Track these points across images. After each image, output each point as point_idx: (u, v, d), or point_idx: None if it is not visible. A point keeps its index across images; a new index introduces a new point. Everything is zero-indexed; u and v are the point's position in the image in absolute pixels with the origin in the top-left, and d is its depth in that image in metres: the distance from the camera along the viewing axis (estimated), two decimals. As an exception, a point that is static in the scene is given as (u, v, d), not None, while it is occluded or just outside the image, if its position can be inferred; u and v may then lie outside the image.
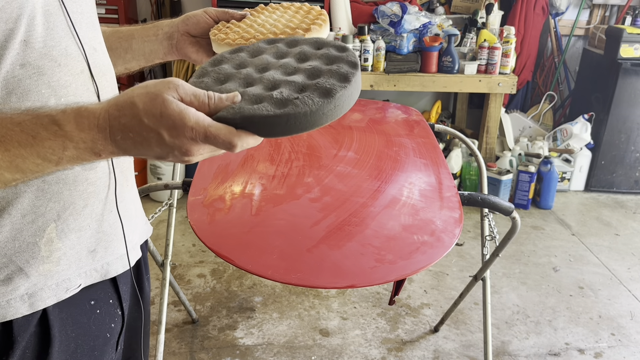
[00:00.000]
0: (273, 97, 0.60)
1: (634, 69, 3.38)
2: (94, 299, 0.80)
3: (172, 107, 0.56)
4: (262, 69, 0.68)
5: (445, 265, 2.73)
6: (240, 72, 0.67)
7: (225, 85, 0.65)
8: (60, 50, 0.69)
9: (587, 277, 2.69)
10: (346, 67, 0.65)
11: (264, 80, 0.65)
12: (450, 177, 1.35)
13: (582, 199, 3.58)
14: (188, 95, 0.58)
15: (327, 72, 0.65)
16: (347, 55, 0.68)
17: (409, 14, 3.13)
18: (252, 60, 0.71)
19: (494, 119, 3.39)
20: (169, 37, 0.91)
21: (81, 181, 0.74)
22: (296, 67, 0.67)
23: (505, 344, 2.20)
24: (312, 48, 0.71)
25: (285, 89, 0.62)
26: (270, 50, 0.72)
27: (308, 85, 0.63)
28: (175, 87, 0.57)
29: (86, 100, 0.72)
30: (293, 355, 2.09)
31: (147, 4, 3.67)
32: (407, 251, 1.05)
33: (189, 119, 0.56)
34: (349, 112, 0.78)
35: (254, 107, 0.59)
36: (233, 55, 0.72)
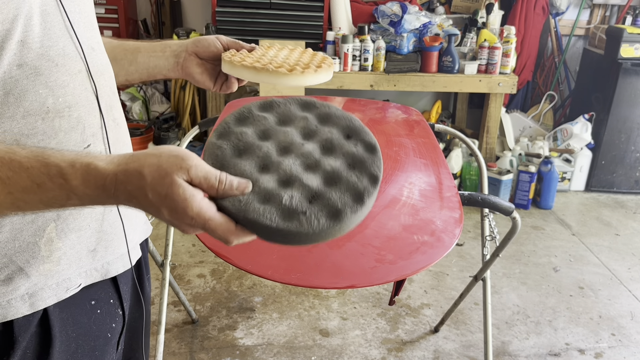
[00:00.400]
0: (282, 203, 0.59)
1: (634, 69, 3.37)
2: (94, 299, 0.80)
3: (179, 192, 0.56)
4: (283, 149, 0.66)
5: (445, 266, 2.72)
6: (260, 148, 0.65)
7: (241, 161, 0.64)
8: (58, 50, 0.69)
9: (587, 277, 2.69)
10: (365, 181, 0.63)
11: (280, 170, 0.63)
12: (450, 177, 1.35)
13: (583, 199, 3.58)
14: (198, 177, 0.58)
15: (345, 181, 0.63)
16: (373, 161, 0.65)
17: (409, 14, 3.13)
18: (277, 129, 0.68)
19: (494, 119, 3.38)
20: (176, 55, 0.92)
21: None
22: (317, 160, 0.65)
23: (505, 344, 2.20)
24: (341, 134, 0.68)
25: (297, 193, 0.61)
26: (299, 123, 0.70)
27: (321, 194, 0.61)
28: (188, 169, 0.57)
29: (84, 100, 0.73)
30: (293, 355, 2.09)
31: (147, 4, 3.66)
32: (407, 251, 1.05)
33: (191, 208, 0.56)
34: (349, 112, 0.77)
35: (259, 212, 0.58)
36: (260, 115, 0.70)
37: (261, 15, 3.16)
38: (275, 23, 3.18)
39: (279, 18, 3.17)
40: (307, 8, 3.17)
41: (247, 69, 0.85)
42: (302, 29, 3.20)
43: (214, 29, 3.12)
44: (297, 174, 0.63)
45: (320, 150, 0.67)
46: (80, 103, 0.72)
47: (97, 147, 0.75)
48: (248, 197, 0.60)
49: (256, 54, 0.91)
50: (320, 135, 0.68)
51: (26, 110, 0.66)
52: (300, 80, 0.85)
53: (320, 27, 3.22)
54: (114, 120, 0.80)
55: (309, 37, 3.20)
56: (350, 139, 0.68)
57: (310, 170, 0.64)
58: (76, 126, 0.72)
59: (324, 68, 0.87)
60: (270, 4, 3.15)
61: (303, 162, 0.65)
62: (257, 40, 3.05)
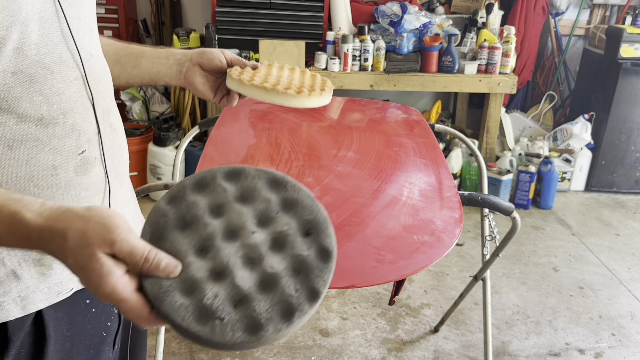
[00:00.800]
0: (202, 301, 0.55)
1: (634, 68, 3.37)
2: (89, 298, 0.80)
3: (96, 266, 0.53)
4: (230, 233, 0.60)
5: (445, 265, 2.72)
6: (206, 226, 0.60)
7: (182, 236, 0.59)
8: (54, 57, 0.68)
9: (587, 277, 2.69)
10: (303, 297, 0.56)
11: (217, 258, 0.58)
12: (450, 177, 1.35)
13: (582, 199, 3.58)
14: (123, 252, 0.54)
15: (280, 291, 0.56)
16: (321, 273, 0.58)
17: (409, 14, 3.13)
18: (233, 207, 0.62)
19: (494, 119, 3.38)
20: (179, 64, 0.93)
21: (74, 186, 0.73)
22: (261, 256, 0.59)
23: (505, 344, 2.20)
24: (300, 230, 0.61)
25: (224, 292, 0.56)
26: (259, 204, 0.63)
27: (249, 300, 0.55)
28: (112, 242, 0.54)
29: (80, 106, 0.73)
30: (293, 355, 2.09)
31: (147, 4, 3.66)
32: (407, 251, 1.05)
33: (105, 286, 0.54)
34: (349, 112, 0.78)
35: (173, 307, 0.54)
36: (222, 186, 0.64)
37: (261, 15, 3.16)
38: (275, 23, 3.18)
39: (279, 18, 3.17)
40: (307, 8, 3.17)
41: (257, 88, 0.87)
42: (302, 29, 3.20)
43: (214, 29, 3.12)
44: (232, 268, 0.57)
45: (269, 244, 0.60)
46: (76, 110, 0.72)
47: (92, 152, 0.75)
48: (172, 282, 0.56)
49: (261, 73, 0.92)
50: (275, 226, 0.61)
51: (19, 116, 0.66)
52: (306, 102, 0.89)
53: (320, 27, 3.22)
54: (111, 125, 0.80)
55: (309, 37, 3.20)
56: (307, 237, 0.61)
57: (249, 266, 0.58)
58: (71, 133, 0.72)
59: (327, 91, 0.92)
60: (270, 4, 3.15)
61: (245, 254, 0.59)
62: (257, 41, 3.05)
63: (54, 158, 0.71)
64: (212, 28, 3.10)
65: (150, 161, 3.22)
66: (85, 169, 0.75)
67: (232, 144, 1.46)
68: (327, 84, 0.95)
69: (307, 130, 1.57)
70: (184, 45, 3.25)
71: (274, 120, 1.64)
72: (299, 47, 3.05)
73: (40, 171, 0.70)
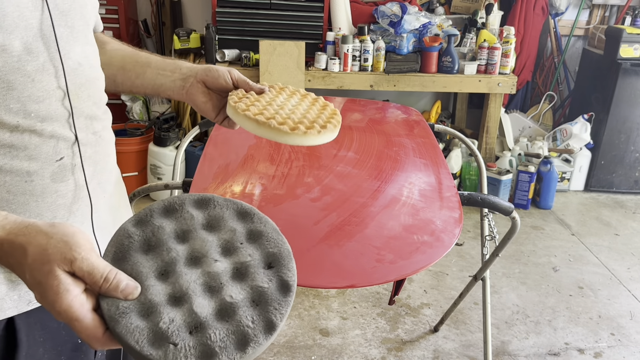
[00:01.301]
0: (158, 325, 0.55)
1: (634, 69, 3.38)
2: None
3: (53, 283, 0.53)
4: (193, 259, 0.60)
5: (445, 265, 2.73)
6: (170, 251, 0.60)
7: (144, 259, 0.59)
8: (37, 65, 0.68)
9: (586, 277, 2.69)
10: (259, 329, 0.56)
11: (177, 283, 0.58)
12: (450, 177, 1.36)
13: (582, 199, 3.58)
14: (82, 271, 0.54)
15: (237, 321, 0.56)
16: (279, 305, 0.58)
17: (409, 14, 3.13)
18: (198, 234, 0.62)
19: (494, 119, 3.39)
20: (184, 79, 0.90)
21: (50, 193, 0.72)
22: (220, 285, 0.59)
23: (505, 344, 2.20)
24: (263, 261, 0.62)
25: (181, 318, 0.56)
26: (224, 234, 0.63)
27: (205, 328, 0.55)
28: (72, 260, 0.53)
29: (60, 115, 0.71)
30: (293, 355, 2.09)
31: (147, 4, 3.67)
32: (407, 251, 1.05)
33: (60, 304, 0.53)
34: (349, 112, 0.78)
35: (128, 329, 0.54)
36: (190, 213, 0.64)
37: (261, 15, 3.17)
38: (275, 23, 3.18)
39: (279, 18, 3.17)
40: (307, 8, 3.18)
41: (249, 120, 0.81)
42: (302, 29, 3.21)
43: (214, 29, 3.13)
44: (191, 295, 0.57)
45: (231, 274, 0.60)
46: (55, 117, 0.71)
47: (71, 159, 0.74)
48: (129, 304, 0.55)
49: (263, 100, 0.87)
50: (238, 256, 0.61)
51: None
52: (301, 141, 0.81)
53: (320, 28, 3.22)
54: (95, 133, 0.79)
55: (309, 37, 3.20)
56: (269, 270, 0.61)
57: (208, 294, 0.58)
58: (48, 140, 0.71)
59: (329, 129, 0.84)
60: (270, 4, 3.15)
61: (205, 282, 0.59)
62: (257, 41, 3.05)
63: (29, 165, 0.70)
64: (212, 28, 3.11)
65: (150, 161, 3.22)
66: (62, 176, 0.74)
67: (233, 144, 1.46)
68: (334, 119, 0.87)
69: (307, 131, 1.57)
70: (184, 45, 3.26)
71: (274, 120, 1.64)
72: (299, 47, 3.06)
73: (14, 177, 0.69)
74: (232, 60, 3.20)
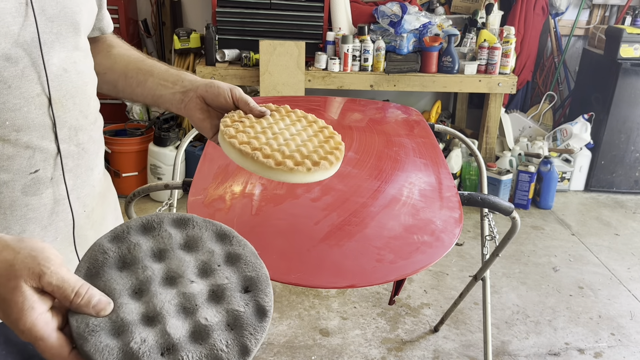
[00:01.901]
0: (129, 345, 0.53)
1: (634, 69, 3.38)
2: None
3: (18, 299, 0.50)
4: (169, 279, 0.59)
5: (445, 265, 2.73)
6: (145, 269, 0.58)
7: (118, 276, 0.57)
8: (15, 71, 0.65)
9: (587, 277, 2.69)
10: (233, 353, 0.55)
11: (151, 303, 0.56)
12: (450, 177, 1.36)
13: (582, 199, 3.58)
14: (51, 285, 0.51)
15: (211, 345, 0.55)
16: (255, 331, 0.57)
17: (409, 14, 3.13)
18: (175, 254, 0.61)
19: (494, 119, 3.39)
20: (184, 92, 0.85)
21: (19, 206, 0.70)
22: (195, 307, 0.57)
23: (505, 344, 2.20)
24: (240, 285, 0.61)
25: (153, 338, 0.54)
26: (202, 255, 0.62)
27: (177, 350, 0.54)
28: (40, 274, 0.51)
29: (39, 125, 0.68)
30: (293, 355, 2.09)
31: (147, 4, 3.67)
32: (407, 251, 1.05)
33: (24, 322, 0.50)
34: (349, 112, 0.77)
35: (97, 348, 0.52)
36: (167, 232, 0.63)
37: (261, 15, 3.17)
38: (275, 23, 3.18)
39: (279, 18, 3.17)
40: (307, 8, 3.18)
41: (234, 149, 0.73)
42: (302, 29, 3.20)
43: (214, 29, 3.13)
44: (165, 315, 0.56)
45: (207, 296, 0.59)
46: (33, 127, 0.68)
47: (46, 172, 0.71)
48: (100, 322, 0.53)
49: (259, 126, 0.79)
50: (215, 279, 0.60)
51: None
52: (287, 178, 0.73)
53: (320, 27, 3.22)
54: (78, 145, 0.75)
55: (309, 37, 3.20)
56: (246, 294, 0.60)
57: (183, 315, 0.57)
58: (23, 151, 0.68)
59: (322, 167, 0.74)
60: (270, 4, 3.15)
61: (180, 302, 0.57)
62: (257, 41, 3.05)
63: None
64: (212, 28, 3.11)
65: (150, 161, 3.22)
66: (35, 190, 0.70)
67: (233, 144, 1.46)
68: (333, 154, 0.76)
69: (307, 131, 1.57)
70: (184, 45, 3.25)
71: (274, 120, 1.64)
72: (299, 47, 3.06)
73: None
74: (232, 60, 3.20)
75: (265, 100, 1.91)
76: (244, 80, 3.15)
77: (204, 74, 3.11)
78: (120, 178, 3.19)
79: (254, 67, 3.12)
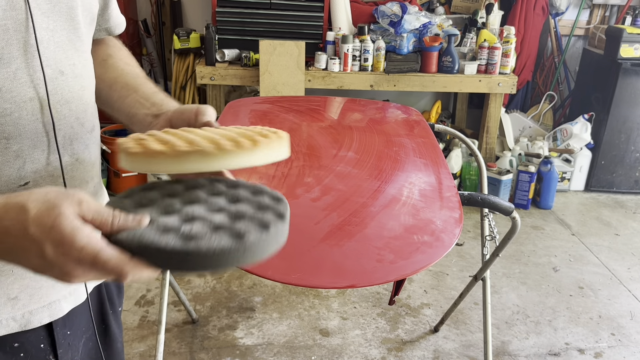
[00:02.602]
0: (180, 231, 0.55)
1: (634, 69, 3.38)
2: (18, 342, 0.71)
3: (66, 222, 0.49)
4: (188, 201, 0.61)
5: (445, 265, 2.73)
6: (164, 200, 0.61)
7: (143, 210, 0.59)
8: (7, 73, 0.60)
9: (587, 277, 2.69)
10: (271, 216, 0.59)
11: (183, 213, 0.58)
12: (450, 177, 1.35)
13: (582, 199, 3.58)
14: (90, 212, 0.52)
15: (250, 217, 0.59)
16: (279, 206, 0.62)
17: (409, 14, 3.13)
18: (183, 192, 0.63)
19: (494, 119, 3.39)
20: (156, 116, 0.75)
21: None
22: (222, 207, 0.61)
23: (505, 344, 2.20)
24: (249, 193, 0.65)
25: (199, 225, 0.56)
26: (206, 187, 0.65)
27: (224, 226, 0.57)
28: (79, 202, 0.51)
29: (31, 132, 0.63)
30: (293, 355, 2.09)
31: (147, 4, 3.67)
32: (407, 251, 1.05)
33: (80, 239, 0.49)
34: (349, 112, 0.77)
35: (155, 237, 0.53)
36: (167, 185, 0.65)
37: (261, 15, 3.17)
38: (275, 23, 3.18)
39: (279, 18, 3.17)
40: (307, 8, 3.18)
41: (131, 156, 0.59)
42: (302, 29, 3.20)
43: (214, 29, 3.13)
44: (200, 214, 0.58)
45: (227, 202, 0.62)
46: (24, 135, 0.63)
47: (38, 185, 0.66)
48: (146, 229, 0.55)
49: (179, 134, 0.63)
50: (227, 194, 0.64)
51: None
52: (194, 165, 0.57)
53: (320, 27, 3.22)
54: (72, 155, 0.70)
55: (309, 37, 3.20)
56: (257, 195, 0.64)
57: (217, 212, 0.60)
58: (13, 161, 0.63)
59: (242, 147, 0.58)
60: (270, 4, 3.15)
61: (208, 208, 0.60)
62: (257, 41, 3.05)
63: None
64: (212, 28, 3.11)
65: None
66: None
67: (233, 144, 1.46)
68: (265, 136, 0.62)
69: (307, 130, 1.57)
70: (184, 45, 3.25)
71: (274, 120, 1.65)
72: (299, 47, 3.06)
73: None
74: (232, 60, 3.20)
75: (265, 100, 1.90)
76: (244, 80, 3.15)
77: (204, 74, 3.11)
78: (120, 178, 3.19)
79: (254, 67, 3.12)
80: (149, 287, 2.45)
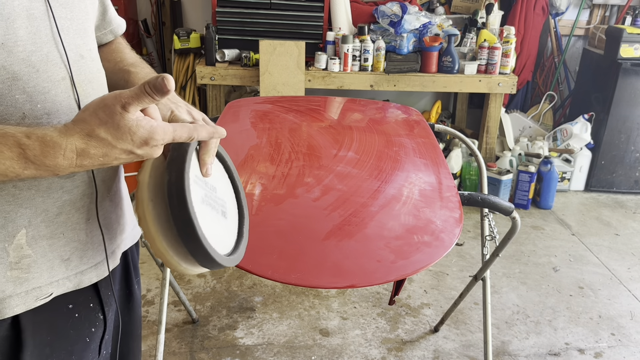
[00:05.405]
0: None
1: (634, 69, 3.38)
2: (72, 303, 0.78)
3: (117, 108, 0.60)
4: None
5: (445, 265, 2.73)
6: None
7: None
8: (41, 56, 0.67)
9: (587, 277, 2.69)
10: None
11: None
12: (450, 177, 1.35)
13: (582, 199, 3.58)
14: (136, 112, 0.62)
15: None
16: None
17: (409, 14, 3.13)
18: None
19: (494, 119, 3.39)
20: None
21: (56, 189, 0.72)
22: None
23: (505, 344, 2.20)
24: None
25: None
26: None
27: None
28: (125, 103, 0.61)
29: (66, 107, 0.71)
30: (293, 355, 2.09)
31: (147, 4, 3.67)
32: (407, 251, 1.05)
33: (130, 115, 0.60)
34: (349, 112, 0.77)
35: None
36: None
37: (261, 15, 3.17)
38: (275, 23, 3.18)
39: (279, 18, 3.17)
40: (307, 8, 3.17)
41: None
42: (302, 29, 3.20)
43: (214, 29, 3.13)
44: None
45: None
46: (62, 110, 0.71)
47: None
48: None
49: None
50: None
51: (0, 114, 0.65)
52: None
53: (320, 27, 3.22)
54: None
55: (309, 37, 3.20)
56: None
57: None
58: None
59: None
60: (270, 4, 3.15)
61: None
62: (257, 41, 3.05)
63: None
64: (212, 28, 3.11)
65: (150, 161, 3.22)
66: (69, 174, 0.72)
67: (232, 143, 1.46)
68: None
69: (307, 130, 1.57)
70: (184, 45, 3.25)
71: (274, 120, 1.65)
72: (299, 47, 3.06)
73: None
74: (232, 60, 3.20)
75: (265, 100, 1.91)
76: (244, 80, 3.15)
77: (204, 74, 3.11)
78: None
79: (254, 67, 3.12)
80: (149, 287, 2.45)
